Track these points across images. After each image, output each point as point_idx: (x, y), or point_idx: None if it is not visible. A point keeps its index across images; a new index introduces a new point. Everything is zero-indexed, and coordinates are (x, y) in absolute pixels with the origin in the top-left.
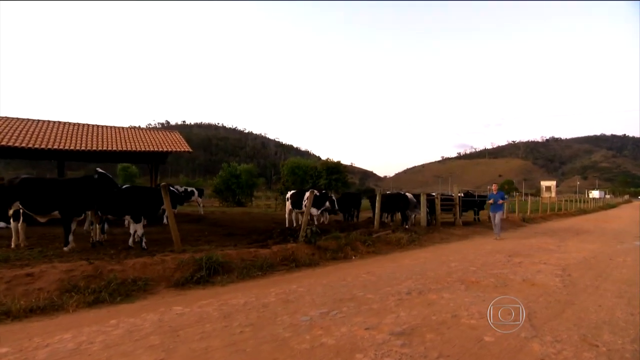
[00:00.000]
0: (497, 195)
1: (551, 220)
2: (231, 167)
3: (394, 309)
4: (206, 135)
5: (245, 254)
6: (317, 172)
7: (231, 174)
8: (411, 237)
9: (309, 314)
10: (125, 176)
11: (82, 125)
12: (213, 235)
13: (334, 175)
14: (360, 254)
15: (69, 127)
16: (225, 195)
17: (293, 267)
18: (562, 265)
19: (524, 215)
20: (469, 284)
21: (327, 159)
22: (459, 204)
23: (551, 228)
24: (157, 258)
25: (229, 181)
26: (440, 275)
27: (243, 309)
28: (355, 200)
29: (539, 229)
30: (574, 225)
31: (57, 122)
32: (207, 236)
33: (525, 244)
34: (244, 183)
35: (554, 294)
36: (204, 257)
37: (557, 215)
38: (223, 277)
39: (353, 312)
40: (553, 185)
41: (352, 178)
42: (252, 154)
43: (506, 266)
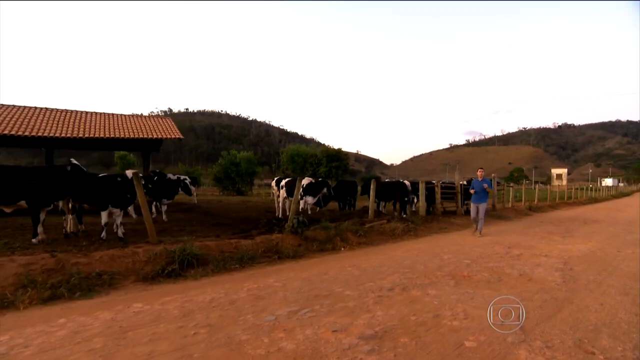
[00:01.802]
0: (481, 183)
1: (559, 209)
2: (231, 155)
3: (371, 308)
4: (209, 123)
5: (225, 245)
6: (317, 159)
7: (231, 162)
8: (407, 227)
9: (276, 313)
10: (123, 165)
11: (70, 112)
12: (200, 225)
13: (334, 162)
14: (350, 245)
15: (56, 113)
16: (225, 184)
17: (275, 260)
18: (564, 258)
19: (531, 204)
20: (460, 278)
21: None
22: (461, 192)
23: (558, 217)
24: (128, 250)
25: (229, 169)
26: (430, 268)
27: (207, 306)
28: (352, 188)
29: (545, 218)
30: (582, 214)
31: (43, 109)
32: (193, 226)
33: (527, 234)
34: (244, 171)
35: (552, 291)
36: (177, 249)
37: (567, 203)
38: (197, 270)
39: (325, 310)
40: (564, 173)
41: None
42: (256, 142)
43: (503, 259)
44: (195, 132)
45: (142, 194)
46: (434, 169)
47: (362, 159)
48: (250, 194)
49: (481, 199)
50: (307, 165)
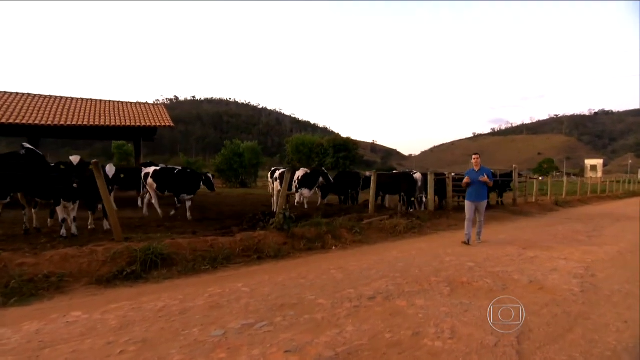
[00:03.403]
0: (478, 174)
1: (590, 204)
2: (234, 145)
3: (341, 321)
4: (217, 112)
5: (199, 244)
6: (323, 149)
7: (234, 152)
8: (411, 224)
9: (227, 326)
10: (120, 155)
11: (55, 98)
12: (184, 220)
13: (342, 153)
14: (343, 243)
15: (40, 100)
16: (228, 176)
17: (254, 260)
18: (586, 262)
19: (558, 198)
20: (457, 285)
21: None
22: None
23: (588, 213)
24: (85, 249)
25: (232, 160)
26: (426, 273)
27: (153, 316)
28: (354, 180)
29: (573, 214)
30: (616, 210)
31: (25, 94)
32: (176, 221)
33: (548, 232)
34: (247, 162)
35: (565, 303)
36: (140, 249)
37: (599, 198)
38: (162, 271)
39: (286, 324)
40: (599, 164)
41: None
42: (266, 131)
43: (514, 262)
44: (202, 121)
45: (103, 185)
46: (456, 160)
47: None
48: (254, 186)
49: (480, 195)
50: (313, 155)
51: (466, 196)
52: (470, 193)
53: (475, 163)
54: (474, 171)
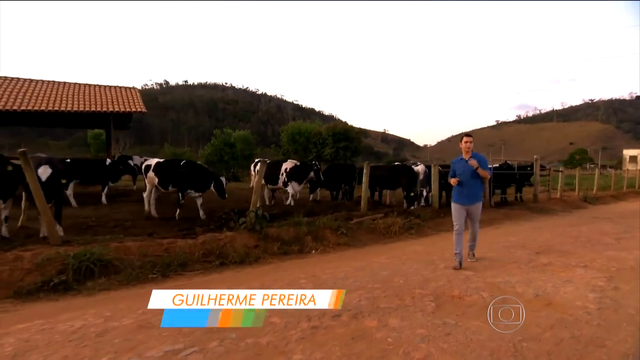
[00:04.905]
0: (469, 165)
1: (625, 200)
2: (225, 134)
3: (290, 347)
4: (211, 98)
5: (152, 248)
6: (321, 138)
7: (225, 142)
8: (409, 224)
9: (145, 355)
10: (97, 145)
11: (10, 80)
12: (147, 220)
13: (342, 142)
14: (326, 246)
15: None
16: (218, 168)
17: (215, 266)
18: (610, 271)
19: (587, 194)
20: (445, 300)
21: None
22: (490, 179)
23: (621, 211)
24: (10, 254)
25: (222, 151)
26: (412, 283)
27: (62, 340)
28: (347, 173)
29: (602, 213)
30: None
31: None
32: (135, 221)
33: (569, 234)
34: (239, 153)
35: (575, 325)
36: (75, 254)
37: (637, 193)
38: (99, 281)
39: (221, 350)
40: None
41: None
42: (266, 120)
43: (521, 270)
44: (195, 108)
45: (32, 178)
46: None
47: (390, 139)
48: (247, 179)
49: (472, 194)
50: (310, 145)
51: (452, 196)
52: (459, 192)
53: (466, 149)
54: (463, 160)
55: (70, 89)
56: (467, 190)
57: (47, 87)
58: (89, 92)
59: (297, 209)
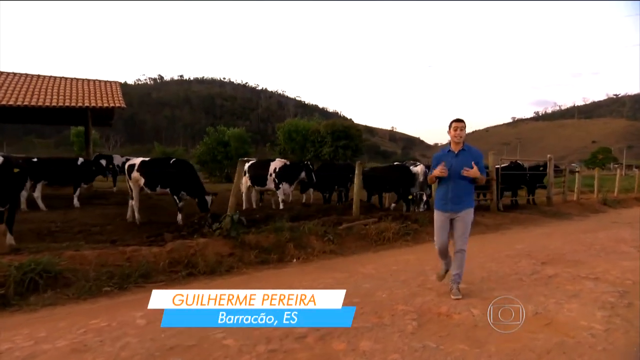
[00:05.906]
0: (459, 159)
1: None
2: (218, 132)
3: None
4: (208, 94)
5: (112, 256)
6: (319, 136)
7: (218, 140)
8: (404, 229)
9: None
10: (80, 143)
11: None
12: (117, 225)
13: (341, 141)
14: (309, 254)
15: None
16: (211, 168)
17: (182, 277)
18: (625, 285)
19: (606, 197)
20: (430, 318)
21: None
22: (498, 180)
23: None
24: None
25: (215, 150)
26: (395, 298)
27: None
28: (341, 174)
29: (623, 217)
30: None
31: None
32: (104, 226)
33: (583, 241)
34: (234, 152)
35: (576, 350)
36: (18, 265)
37: None
38: (45, 295)
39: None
40: None
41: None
42: (266, 117)
43: (523, 283)
44: (191, 105)
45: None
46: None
47: (398, 138)
48: None
49: (459, 198)
50: (307, 144)
51: (435, 201)
52: (442, 194)
53: (456, 138)
54: (452, 153)
55: (45, 82)
56: (453, 192)
57: (19, 80)
58: (65, 85)
59: (282, 213)
